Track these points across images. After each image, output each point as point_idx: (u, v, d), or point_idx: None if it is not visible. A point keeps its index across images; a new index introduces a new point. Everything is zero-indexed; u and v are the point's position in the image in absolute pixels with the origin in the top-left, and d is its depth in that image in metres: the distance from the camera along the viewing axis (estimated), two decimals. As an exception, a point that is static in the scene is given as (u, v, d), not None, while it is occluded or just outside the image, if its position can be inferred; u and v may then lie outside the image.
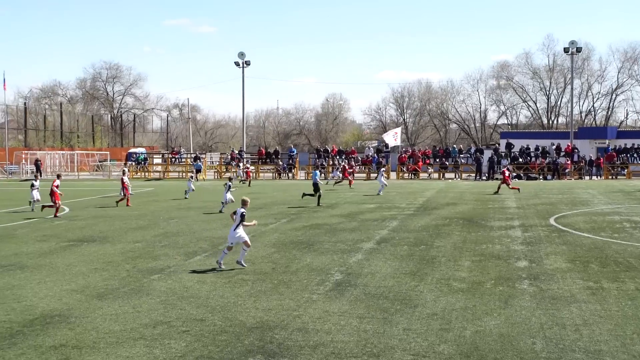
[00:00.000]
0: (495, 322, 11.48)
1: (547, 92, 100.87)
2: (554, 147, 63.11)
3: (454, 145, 70.97)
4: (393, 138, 66.01)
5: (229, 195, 30.65)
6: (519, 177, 57.84)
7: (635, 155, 61.81)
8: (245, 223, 16.74)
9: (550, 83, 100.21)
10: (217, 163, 72.94)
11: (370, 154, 66.87)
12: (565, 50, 67.21)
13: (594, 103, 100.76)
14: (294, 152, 68.22)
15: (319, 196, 33.27)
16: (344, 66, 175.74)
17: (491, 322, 11.52)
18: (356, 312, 12.24)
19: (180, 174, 65.11)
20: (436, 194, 39.78)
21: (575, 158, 60.81)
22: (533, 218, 26.64)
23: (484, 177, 58.08)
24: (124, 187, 33.80)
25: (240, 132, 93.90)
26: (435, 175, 61.29)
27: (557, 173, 58.62)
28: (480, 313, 12.12)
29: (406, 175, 61.65)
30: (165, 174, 66.91)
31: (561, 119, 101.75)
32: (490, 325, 11.29)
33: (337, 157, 65.60)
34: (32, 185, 32.17)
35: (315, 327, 11.30)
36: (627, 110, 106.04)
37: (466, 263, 17.05)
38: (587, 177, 59.10)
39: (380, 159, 64.00)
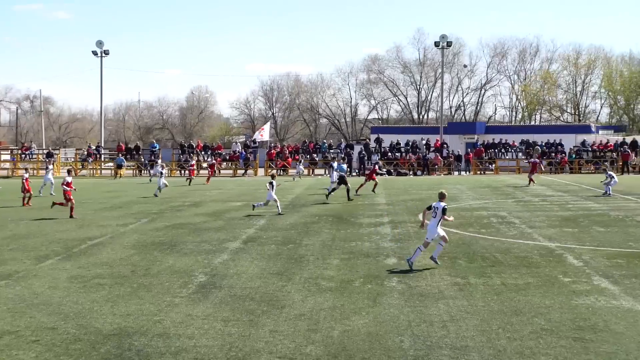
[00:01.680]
0: (363, 321, 11.74)
1: (418, 87, 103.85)
2: (424, 142, 65.06)
3: (324, 141, 71.90)
4: (259, 134, 66.17)
5: (163, 180, 35.01)
6: (389, 172, 59.16)
7: (503, 150, 64.64)
8: (446, 217, 16.49)
9: (421, 77, 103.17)
10: (73, 160, 70.61)
11: (238, 149, 66.69)
12: (436, 44, 69.37)
13: (463, 98, 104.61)
14: (156, 147, 67.12)
15: (348, 190, 33.53)
16: (210, 57, 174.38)
17: (359, 321, 11.78)
18: (221, 315, 12.22)
19: (32, 171, 62.67)
20: (305, 191, 40.14)
21: (445, 153, 62.88)
22: (403, 214, 27.37)
23: (354, 173, 59.08)
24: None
25: (98, 126, 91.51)
26: (305, 171, 61.82)
27: (426, 169, 60.45)
28: (349, 312, 12.36)
29: (276, 171, 61.86)
30: (15, 171, 64.26)
31: (431, 114, 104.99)
32: (358, 325, 11.54)
33: (203, 152, 65.08)
34: None
35: (177, 332, 11.19)
36: (495, 105, 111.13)
37: (335, 261, 17.33)
38: (456, 173, 61.23)
39: (248, 155, 63.98)
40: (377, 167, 42.66)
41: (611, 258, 17.28)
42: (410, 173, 60.26)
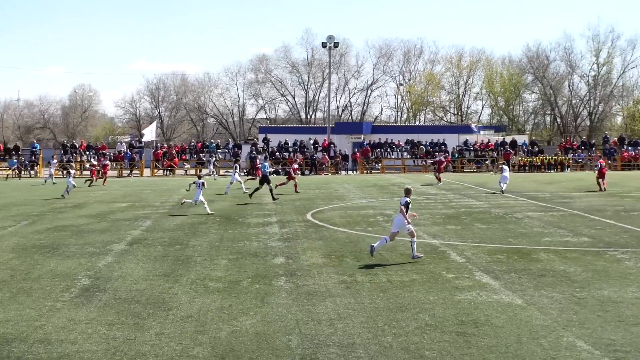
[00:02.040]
0: (251, 321, 11.73)
1: (306, 87, 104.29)
2: (312, 142, 65.54)
3: (212, 140, 71.33)
4: (150, 131, 65.11)
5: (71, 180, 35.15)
6: (276, 172, 59.22)
7: (389, 150, 65.81)
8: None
9: (309, 77, 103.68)
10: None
11: (123, 149, 65.37)
12: (323, 45, 69.83)
13: (350, 98, 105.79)
14: (36, 147, 64.99)
15: (271, 189, 33.10)
16: (94, 55, 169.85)
17: (247, 321, 11.75)
18: (105, 319, 11.95)
19: None
20: (193, 191, 39.71)
21: (332, 153, 63.51)
22: (290, 214, 27.47)
23: (242, 173, 58.91)
24: None
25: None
26: (192, 171, 61.15)
27: (314, 168, 60.89)
28: (237, 312, 12.32)
29: (161, 172, 61.02)
30: None
31: (319, 114, 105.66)
32: (246, 325, 11.52)
33: (87, 152, 63.44)
34: None
35: (59, 338, 10.88)
36: (381, 105, 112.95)
37: (223, 262, 17.23)
38: (343, 172, 61.91)
39: (134, 155, 62.80)
40: (295, 166, 42.66)
41: (492, 254, 17.87)
42: (299, 172, 60.42)
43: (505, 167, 38.48)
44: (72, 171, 40.22)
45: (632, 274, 15.15)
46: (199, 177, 28.98)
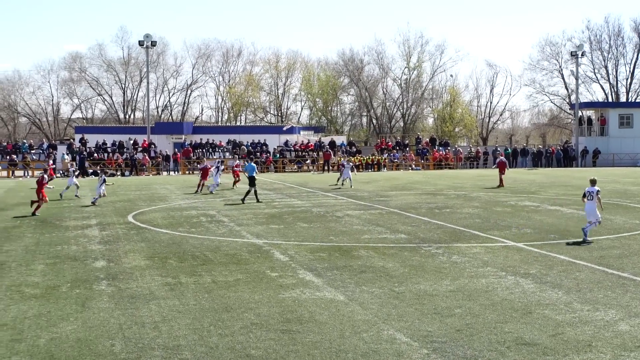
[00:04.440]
0: (72, 327, 11.31)
1: (123, 86, 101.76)
2: (131, 142, 64.15)
3: (24, 140, 68.15)
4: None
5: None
6: (95, 173, 57.48)
7: (210, 150, 65.52)
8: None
9: (126, 77, 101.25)
10: None
11: None
12: (140, 43, 68.46)
13: (170, 98, 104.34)
14: None
15: (256, 191, 32.01)
16: None
17: (68, 327, 11.33)
18: None
19: None
20: (5, 194, 37.81)
21: (153, 153, 62.44)
22: (111, 216, 26.75)
23: (59, 175, 56.73)
24: None
25: None
26: (4, 173, 58.16)
27: (134, 169, 59.60)
28: (56, 319, 11.84)
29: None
30: None
31: (138, 114, 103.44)
32: (66, 331, 11.10)
33: None
34: None
35: None
36: (202, 106, 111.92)
37: (40, 267, 16.52)
38: (165, 173, 61.01)
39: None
40: (237, 164, 41.62)
41: (314, 252, 18.21)
42: (118, 173, 59.05)
43: (348, 164, 40.76)
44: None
45: (446, 268, 15.92)
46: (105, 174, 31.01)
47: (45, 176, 29.33)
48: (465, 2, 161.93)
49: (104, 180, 32.13)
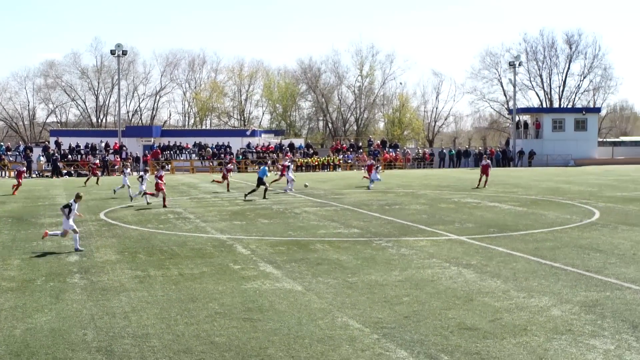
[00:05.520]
0: (46, 318, 11.14)
1: (96, 92, 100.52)
2: (104, 144, 63.45)
3: (1, 143, 66.91)
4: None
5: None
6: (69, 174, 56.78)
7: (178, 152, 65.11)
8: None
9: (99, 83, 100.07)
10: None
11: None
12: (112, 52, 67.68)
13: (140, 103, 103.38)
14: None
15: (265, 189, 32.43)
16: None
17: (42, 318, 11.15)
18: None
19: None
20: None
21: (124, 155, 61.81)
22: (84, 213, 26.33)
23: (35, 175, 55.92)
24: None
25: None
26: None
27: (106, 170, 58.90)
28: (31, 310, 11.65)
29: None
30: None
31: (110, 118, 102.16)
32: (41, 322, 10.93)
33: None
34: None
35: None
36: (170, 110, 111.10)
37: (16, 262, 16.24)
38: (135, 173, 60.28)
39: None
40: (230, 166, 40.59)
41: (274, 246, 18.17)
42: (93, 174, 58.26)
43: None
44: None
45: (395, 260, 16.00)
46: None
47: None
48: (413, 15, 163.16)
49: (143, 178, 30.87)
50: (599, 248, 17.28)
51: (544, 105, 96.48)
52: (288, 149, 65.44)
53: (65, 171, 55.53)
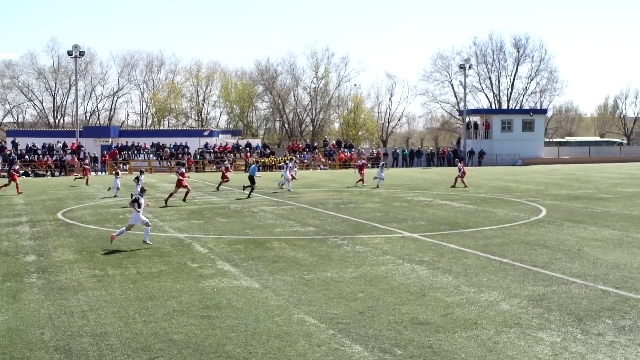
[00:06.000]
0: (3, 318, 10.92)
1: (53, 93, 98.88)
2: (61, 145, 62.44)
3: (-43, 143, 65.35)
4: None
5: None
6: (26, 174, 55.76)
7: (135, 152, 64.37)
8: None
9: (56, 84, 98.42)
10: None
11: None
12: (69, 53, 66.67)
13: (97, 104, 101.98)
14: None
15: (252, 189, 32.53)
16: None
17: (-1, 318, 10.94)
18: None
19: None
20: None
21: (82, 155, 60.91)
22: (41, 213, 25.94)
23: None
24: None
25: None
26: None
27: (64, 170, 58.00)
28: (-12, 310, 11.41)
29: None
30: None
31: (67, 118, 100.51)
32: (-2, 322, 10.71)
33: None
34: None
35: None
36: (127, 111, 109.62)
37: (-28, 262, 15.88)
38: (92, 173, 59.55)
39: None
40: (227, 165, 40.02)
41: (232, 244, 18.09)
42: (48, 174, 57.36)
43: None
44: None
45: (350, 257, 16.06)
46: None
47: None
48: (367, 19, 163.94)
49: (139, 179, 29.23)
50: (546, 244, 17.58)
51: (493, 107, 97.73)
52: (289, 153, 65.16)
53: (22, 171, 54.45)
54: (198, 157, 64.05)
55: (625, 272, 13.98)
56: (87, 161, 52.97)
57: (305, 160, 65.60)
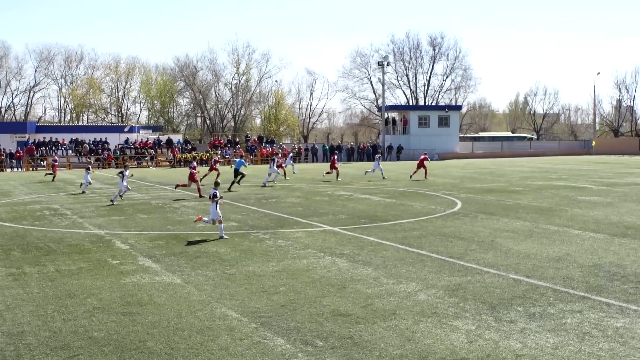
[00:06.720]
0: None
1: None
2: (-25, 141, 60.19)
3: None
4: None
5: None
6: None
7: (54, 148, 62.56)
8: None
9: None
10: None
11: None
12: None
13: (13, 99, 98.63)
14: None
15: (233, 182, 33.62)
16: None
17: None
18: None
19: None
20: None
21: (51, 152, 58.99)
22: (-46, 211, 24.92)
23: None
24: None
25: None
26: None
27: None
28: None
29: None
30: None
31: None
32: None
33: None
34: None
35: None
36: (45, 106, 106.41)
37: None
38: (8, 170, 57.67)
39: None
40: (216, 159, 39.45)
41: (153, 240, 17.80)
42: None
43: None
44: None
45: (272, 251, 16.03)
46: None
47: None
48: (287, 16, 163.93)
49: (124, 174, 28.06)
50: (461, 236, 17.97)
51: (411, 103, 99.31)
52: (282, 145, 64.21)
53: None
54: (118, 152, 62.71)
55: (535, 261, 14.43)
56: (56, 157, 50.90)
57: (227, 156, 65.13)
